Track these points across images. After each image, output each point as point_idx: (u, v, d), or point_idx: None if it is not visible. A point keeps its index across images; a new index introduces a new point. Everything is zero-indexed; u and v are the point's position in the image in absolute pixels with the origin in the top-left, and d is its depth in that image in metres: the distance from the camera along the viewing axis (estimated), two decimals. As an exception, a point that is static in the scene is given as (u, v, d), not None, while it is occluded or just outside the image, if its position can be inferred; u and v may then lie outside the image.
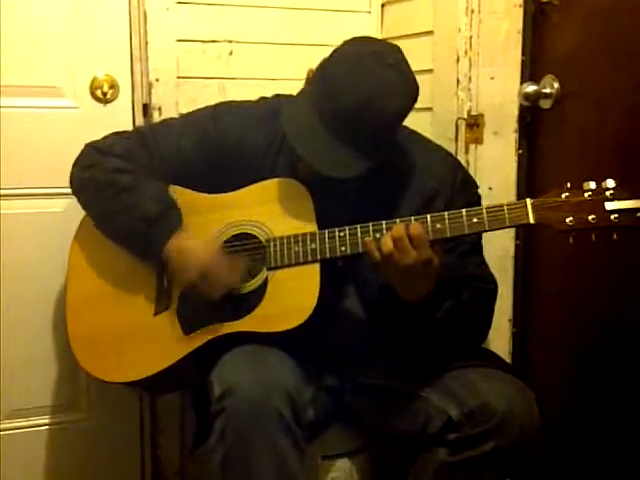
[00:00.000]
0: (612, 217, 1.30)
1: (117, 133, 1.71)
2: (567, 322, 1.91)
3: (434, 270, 1.40)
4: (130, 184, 1.59)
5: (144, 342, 1.60)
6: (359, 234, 1.45)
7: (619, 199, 1.30)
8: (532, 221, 1.34)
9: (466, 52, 1.90)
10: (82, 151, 1.68)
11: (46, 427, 2.00)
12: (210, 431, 1.43)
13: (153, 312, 1.61)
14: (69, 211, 1.85)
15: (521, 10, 1.91)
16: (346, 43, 1.52)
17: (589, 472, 1.84)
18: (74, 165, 1.68)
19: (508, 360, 1.96)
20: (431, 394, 1.51)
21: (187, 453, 2.05)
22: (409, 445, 1.54)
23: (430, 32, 2.01)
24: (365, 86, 1.42)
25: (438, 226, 1.39)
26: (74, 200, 1.73)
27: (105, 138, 1.69)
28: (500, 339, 1.97)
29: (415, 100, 1.50)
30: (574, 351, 1.88)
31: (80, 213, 1.71)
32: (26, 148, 1.90)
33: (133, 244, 1.62)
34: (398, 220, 1.42)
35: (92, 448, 2.03)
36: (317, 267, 1.49)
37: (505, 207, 1.36)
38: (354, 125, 1.43)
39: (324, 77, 1.48)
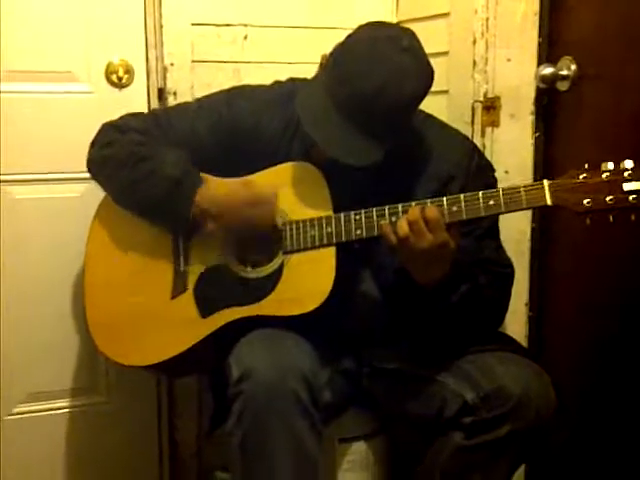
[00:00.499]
0: (630, 198, 1.29)
1: (132, 114, 1.71)
2: (584, 305, 1.90)
3: (450, 253, 1.40)
4: (149, 153, 1.59)
5: (162, 325, 1.61)
6: (375, 217, 1.45)
7: (637, 180, 1.28)
8: (549, 203, 1.33)
9: (482, 34, 1.89)
10: (100, 130, 1.68)
11: (65, 410, 2.01)
12: (228, 414, 1.44)
13: (170, 295, 1.61)
14: (86, 196, 1.87)
15: (538, -9, 1.89)
16: (360, 28, 1.51)
17: (605, 456, 1.84)
18: (92, 144, 1.68)
19: (524, 344, 1.95)
20: (447, 378, 1.51)
21: (204, 436, 2.07)
22: (425, 429, 1.55)
23: (446, 14, 1.99)
24: (380, 71, 1.42)
25: (454, 209, 1.39)
26: (91, 185, 1.74)
27: (121, 118, 1.69)
28: (516, 323, 1.96)
29: (430, 84, 1.50)
30: (591, 335, 1.87)
31: (97, 198, 1.72)
32: (41, 133, 1.90)
33: (160, 209, 1.60)
34: (414, 203, 1.42)
35: (110, 431, 2.04)
36: (333, 250, 1.49)
37: (522, 189, 1.36)
38: (369, 110, 1.42)
39: (338, 62, 1.47)
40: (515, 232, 1.91)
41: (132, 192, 1.61)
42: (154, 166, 1.57)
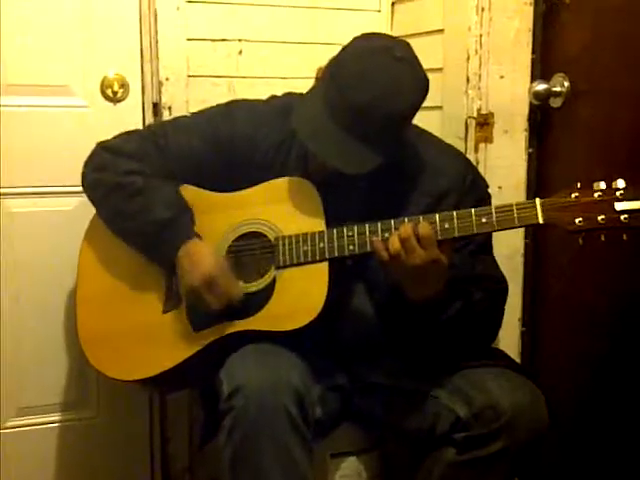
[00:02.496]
0: (622, 217, 1.29)
1: (128, 133, 1.71)
2: (576, 321, 1.90)
3: (443, 270, 1.40)
4: (142, 186, 1.59)
5: (153, 340, 1.60)
6: (367, 233, 1.45)
7: (629, 199, 1.29)
8: (541, 221, 1.34)
9: (476, 51, 1.90)
10: (93, 151, 1.68)
11: (56, 424, 2.01)
12: (218, 429, 1.44)
13: (162, 310, 1.61)
14: (79, 210, 1.86)
15: (531, 9, 1.91)
16: (356, 39, 1.52)
17: (597, 473, 1.83)
18: (85, 165, 1.68)
19: (517, 359, 1.95)
20: (440, 393, 1.51)
21: (195, 450, 2.06)
22: (417, 444, 1.55)
23: (440, 30, 2.01)
24: (376, 81, 1.42)
25: (446, 226, 1.39)
26: (84, 199, 1.74)
27: (116, 138, 1.69)
28: (509, 338, 1.96)
29: (426, 94, 1.50)
30: (583, 350, 1.87)
31: (90, 212, 1.71)
32: (36, 147, 1.91)
33: (144, 247, 1.62)
34: (406, 219, 1.42)
35: (102, 445, 2.04)
36: (326, 266, 1.49)
37: (514, 207, 1.36)
38: (366, 120, 1.43)
39: (334, 74, 1.47)
40: (508, 248, 1.92)
41: (121, 223, 1.63)
42: (146, 204, 1.58)
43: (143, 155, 1.63)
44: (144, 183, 1.60)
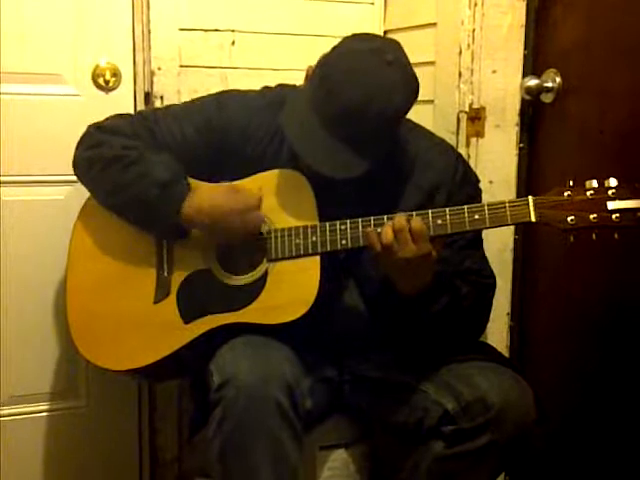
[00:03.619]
0: (614, 217, 1.30)
1: (120, 115, 1.70)
2: (565, 317, 1.91)
3: (432, 264, 1.41)
4: (138, 157, 1.58)
5: (144, 330, 1.60)
6: (360, 227, 1.46)
7: (621, 198, 1.30)
8: (533, 219, 1.35)
9: (468, 45, 1.90)
10: (86, 131, 1.67)
11: (44, 414, 2.00)
12: (208, 419, 1.44)
13: (153, 300, 1.61)
14: (70, 198, 1.86)
15: (524, 4, 1.91)
16: (345, 40, 1.51)
17: (586, 467, 1.85)
18: (78, 145, 1.66)
19: (505, 354, 1.96)
20: (428, 387, 1.52)
21: (184, 441, 2.07)
22: (406, 437, 1.55)
23: (433, 24, 2.00)
24: (364, 85, 1.42)
25: (439, 222, 1.40)
26: (75, 187, 1.73)
27: (108, 119, 1.69)
28: (498, 333, 1.98)
29: (416, 97, 1.50)
30: (572, 345, 1.89)
31: (81, 200, 1.71)
32: (27, 135, 1.89)
33: (147, 213, 1.58)
34: (399, 214, 1.42)
35: (90, 435, 2.04)
36: (318, 260, 1.50)
37: (507, 204, 1.36)
38: (354, 125, 1.43)
39: (323, 76, 1.47)
40: (498, 243, 1.93)
41: (120, 195, 1.60)
42: (144, 169, 1.56)
43: (136, 136, 1.63)
44: (139, 154, 1.58)
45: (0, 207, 1.90)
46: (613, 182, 1.31)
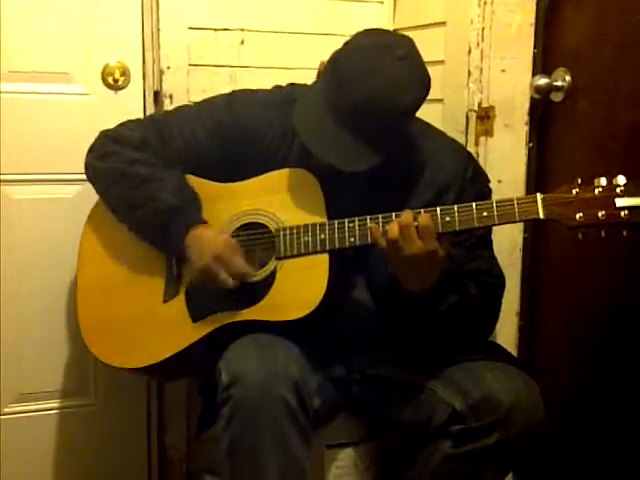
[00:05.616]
0: (622, 214, 1.29)
1: (131, 121, 1.71)
2: (574, 315, 1.91)
3: (438, 262, 1.40)
4: (147, 176, 1.59)
5: (153, 328, 1.61)
6: (368, 225, 1.45)
7: (630, 195, 1.29)
8: (542, 216, 1.34)
9: (478, 44, 1.90)
10: (97, 139, 1.68)
11: (54, 411, 2.01)
12: (216, 418, 1.44)
13: (162, 299, 1.62)
14: (80, 197, 1.87)
15: (534, 2, 1.90)
16: (357, 35, 1.51)
17: (595, 466, 1.85)
18: (89, 152, 1.68)
19: (514, 353, 1.96)
20: (437, 386, 1.52)
21: (193, 439, 2.07)
22: (414, 436, 1.55)
23: (442, 23, 2.00)
24: (376, 80, 1.42)
25: (447, 219, 1.39)
26: (85, 186, 1.74)
27: (119, 126, 1.69)
28: (507, 332, 1.97)
29: (427, 93, 1.50)
30: (581, 345, 1.88)
31: (91, 199, 1.72)
32: (37, 134, 1.90)
33: (151, 235, 1.62)
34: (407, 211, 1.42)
35: (99, 433, 2.04)
36: (326, 257, 1.49)
37: (515, 201, 1.36)
38: (365, 119, 1.43)
39: (335, 71, 1.47)
40: (507, 242, 1.93)
41: (128, 211, 1.63)
42: (153, 193, 1.58)
43: (147, 145, 1.63)
44: (149, 173, 1.60)
45: (10, 205, 1.90)
46: (621, 179, 1.30)
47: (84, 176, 1.70)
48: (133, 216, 1.62)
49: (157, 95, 1.99)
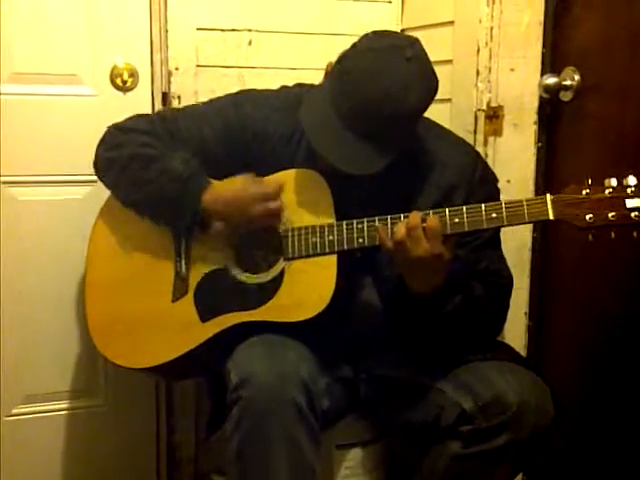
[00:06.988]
0: (632, 215, 1.29)
1: (139, 115, 1.72)
2: (583, 316, 1.90)
3: (444, 265, 1.40)
4: (157, 154, 1.59)
5: (162, 329, 1.61)
6: (376, 226, 1.45)
7: (640, 197, 1.29)
8: (552, 217, 1.33)
9: (486, 43, 1.90)
10: (106, 133, 1.68)
11: (62, 412, 2.01)
12: (225, 418, 1.44)
13: (171, 299, 1.62)
14: (88, 198, 1.88)
15: (542, 1, 1.90)
16: (365, 37, 1.51)
17: (603, 466, 1.84)
18: (99, 146, 1.68)
19: (523, 353, 1.96)
20: (445, 386, 1.51)
21: (201, 439, 2.07)
22: (422, 437, 1.55)
23: (450, 22, 2.00)
24: (383, 81, 1.42)
25: (456, 220, 1.39)
26: (93, 187, 1.74)
27: (128, 119, 1.70)
28: (516, 332, 1.97)
29: (434, 94, 1.50)
30: (590, 345, 1.88)
31: (100, 200, 1.72)
32: (45, 135, 1.91)
33: (169, 208, 1.60)
34: (415, 212, 1.42)
35: (108, 434, 2.05)
36: (334, 258, 1.49)
37: (524, 202, 1.35)
38: (371, 121, 1.43)
39: (342, 72, 1.47)
40: (516, 242, 1.92)
41: (141, 192, 1.61)
42: (163, 166, 1.58)
43: (155, 135, 1.64)
44: (157, 152, 1.60)
45: (18, 206, 1.91)
46: (632, 180, 1.30)
47: (93, 177, 1.71)
48: (145, 194, 1.60)
49: (165, 96, 2.00)
